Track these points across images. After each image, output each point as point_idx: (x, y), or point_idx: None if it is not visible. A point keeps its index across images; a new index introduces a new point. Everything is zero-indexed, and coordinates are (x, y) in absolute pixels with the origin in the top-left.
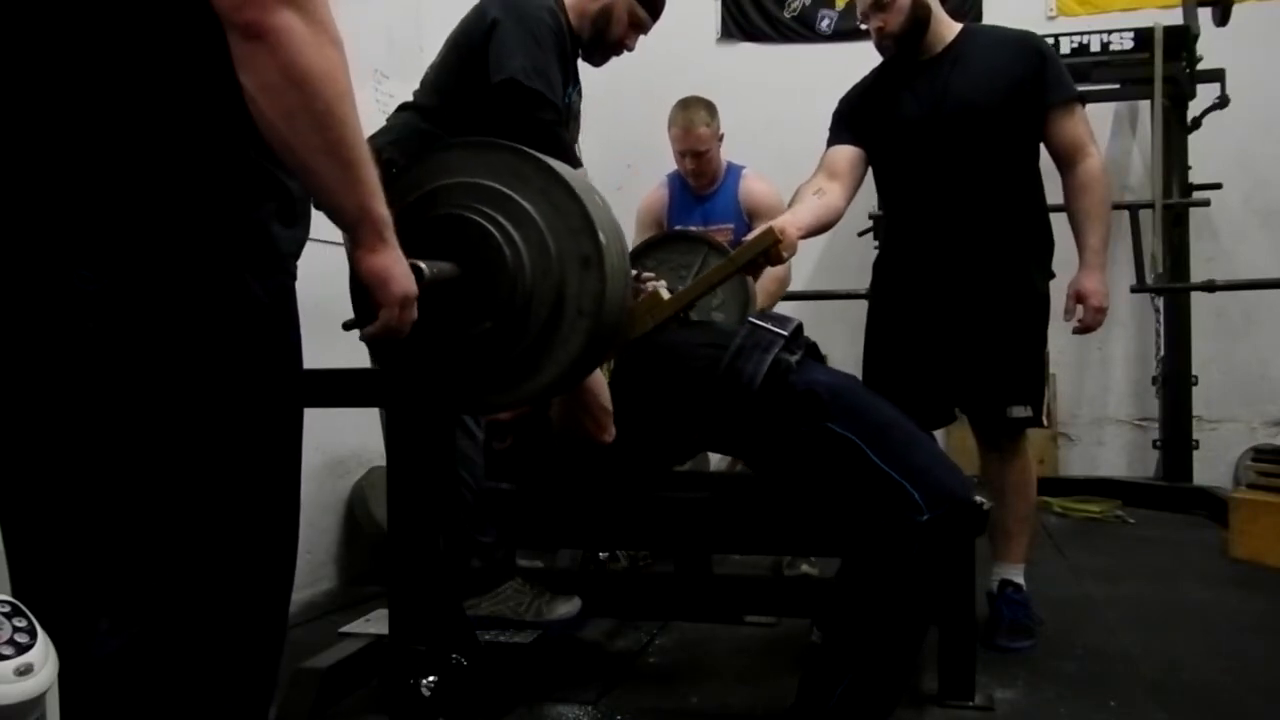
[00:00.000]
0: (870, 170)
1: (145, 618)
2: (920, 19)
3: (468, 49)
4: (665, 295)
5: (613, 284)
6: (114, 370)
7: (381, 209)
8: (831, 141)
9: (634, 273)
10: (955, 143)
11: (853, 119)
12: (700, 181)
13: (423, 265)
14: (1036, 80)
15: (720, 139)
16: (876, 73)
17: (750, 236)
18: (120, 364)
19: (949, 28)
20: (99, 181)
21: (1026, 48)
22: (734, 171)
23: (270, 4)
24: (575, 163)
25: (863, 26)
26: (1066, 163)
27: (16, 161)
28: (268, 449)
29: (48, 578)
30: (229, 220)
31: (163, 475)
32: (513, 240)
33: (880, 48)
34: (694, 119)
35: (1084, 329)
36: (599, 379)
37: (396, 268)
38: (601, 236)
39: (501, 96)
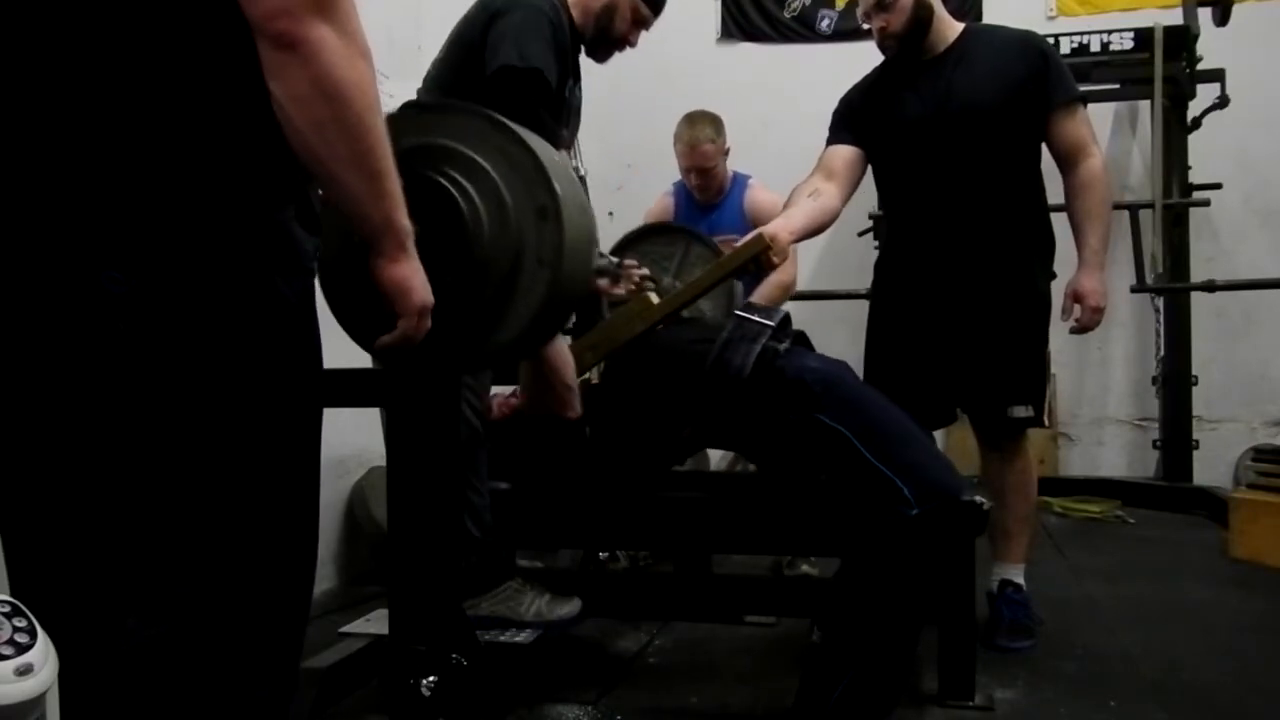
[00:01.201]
0: (870, 170)
1: (173, 615)
2: (922, 19)
3: (469, 43)
4: (655, 300)
5: (572, 235)
6: (144, 371)
7: (404, 220)
8: (830, 141)
9: (616, 261)
10: (958, 143)
11: (853, 119)
12: (706, 195)
13: None
14: (1039, 81)
15: (726, 153)
16: (878, 72)
17: (741, 242)
18: (151, 365)
19: (951, 28)
20: (126, 183)
21: (1029, 48)
22: (740, 181)
23: (304, 15)
24: (557, 143)
25: (865, 26)
26: (1068, 163)
27: (46, 164)
28: (294, 448)
29: (74, 576)
30: (255, 221)
31: (194, 475)
32: (469, 196)
33: (882, 48)
34: (699, 135)
35: (1081, 329)
36: (564, 358)
37: (416, 278)
38: (557, 187)
39: (497, 83)
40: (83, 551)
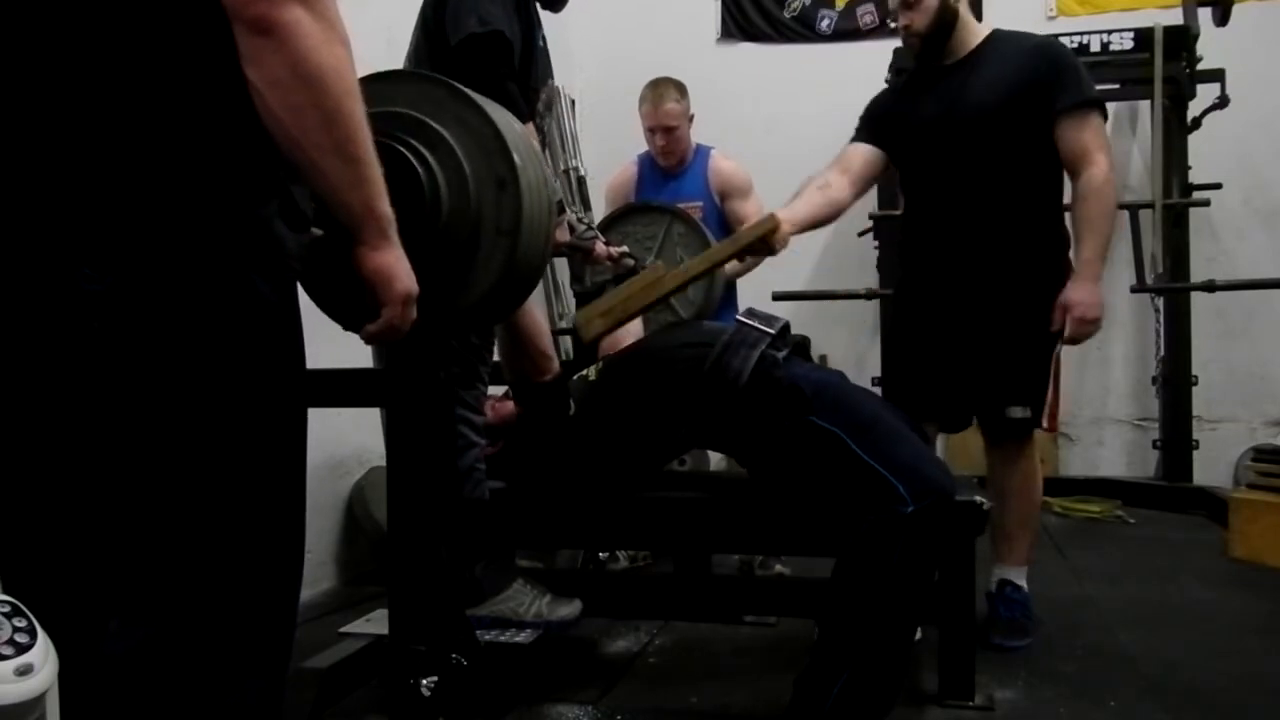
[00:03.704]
0: (882, 170)
1: (155, 618)
2: (946, 21)
3: (431, 21)
4: (662, 269)
5: (531, 203)
6: (120, 370)
7: (385, 207)
8: (854, 139)
9: (594, 234)
10: (966, 146)
11: (876, 120)
12: (669, 160)
13: None
14: (1047, 87)
15: (690, 119)
16: (908, 77)
17: (751, 222)
18: (126, 364)
19: (974, 34)
20: (102, 180)
21: (1042, 54)
22: (703, 152)
23: None
24: (522, 115)
25: (892, 24)
26: (1072, 171)
27: (20, 160)
28: (275, 447)
29: (54, 578)
30: (234, 218)
31: (170, 475)
32: (427, 163)
33: (906, 44)
34: (664, 95)
35: (1070, 340)
36: (537, 325)
37: (399, 265)
38: (516, 157)
39: (463, 55)
40: (63, 552)
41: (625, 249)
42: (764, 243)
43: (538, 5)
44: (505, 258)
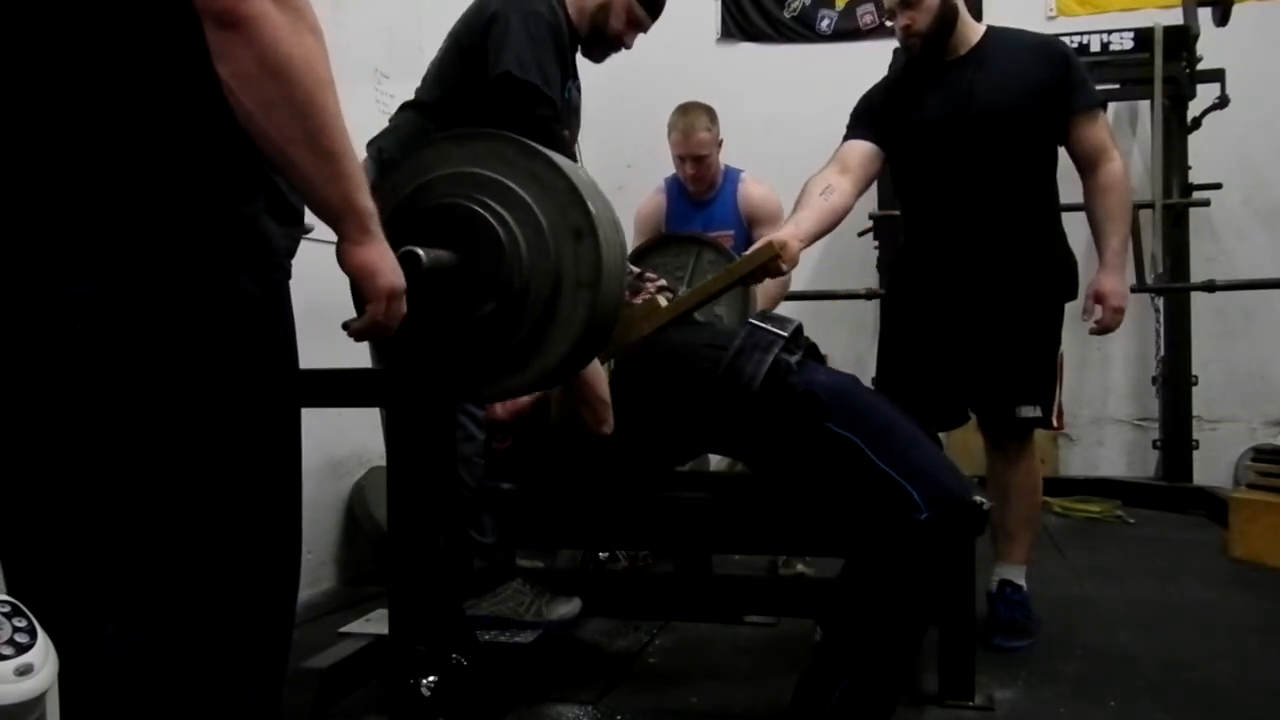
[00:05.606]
0: (881, 168)
1: (153, 619)
2: (948, 19)
3: (468, 43)
4: (663, 303)
5: (608, 252)
6: (106, 372)
7: (366, 201)
8: (849, 135)
9: (636, 270)
10: (978, 145)
11: (873, 116)
12: (699, 187)
13: (420, 252)
14: (1061, 86)
15: (720, 144)
16: (900, 72)
17: (750, 250)
18: (112, 365)
19: (974, 30)
20: (84, 182)
21: (1052, 53)
22: (732, 176)
23: None
24: (570, 157)
25: (889, 24)
26: (1089, 166)
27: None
28: (267, 446)
29: (50, 580)
30: (218, 217)
31: (161, 477)
32: (506, 222)
33: (906, 45)
34: (694, 124)
35: (1102, 329)
36: (597, 371)
37: (383, 261)
38: (591, 207)
39: (498, 91)
40: (55, 554)
41: (663, 282)
42: (764, 269)
43: (577, 54)
44: (587, 311)
